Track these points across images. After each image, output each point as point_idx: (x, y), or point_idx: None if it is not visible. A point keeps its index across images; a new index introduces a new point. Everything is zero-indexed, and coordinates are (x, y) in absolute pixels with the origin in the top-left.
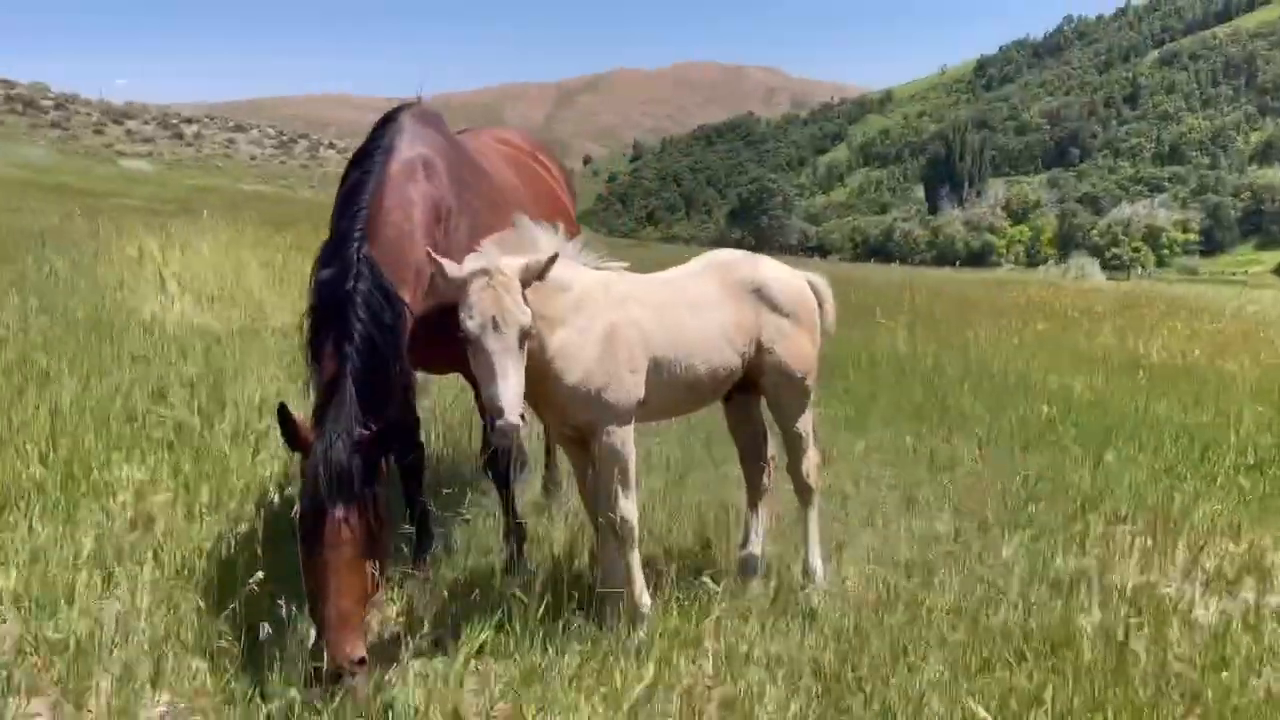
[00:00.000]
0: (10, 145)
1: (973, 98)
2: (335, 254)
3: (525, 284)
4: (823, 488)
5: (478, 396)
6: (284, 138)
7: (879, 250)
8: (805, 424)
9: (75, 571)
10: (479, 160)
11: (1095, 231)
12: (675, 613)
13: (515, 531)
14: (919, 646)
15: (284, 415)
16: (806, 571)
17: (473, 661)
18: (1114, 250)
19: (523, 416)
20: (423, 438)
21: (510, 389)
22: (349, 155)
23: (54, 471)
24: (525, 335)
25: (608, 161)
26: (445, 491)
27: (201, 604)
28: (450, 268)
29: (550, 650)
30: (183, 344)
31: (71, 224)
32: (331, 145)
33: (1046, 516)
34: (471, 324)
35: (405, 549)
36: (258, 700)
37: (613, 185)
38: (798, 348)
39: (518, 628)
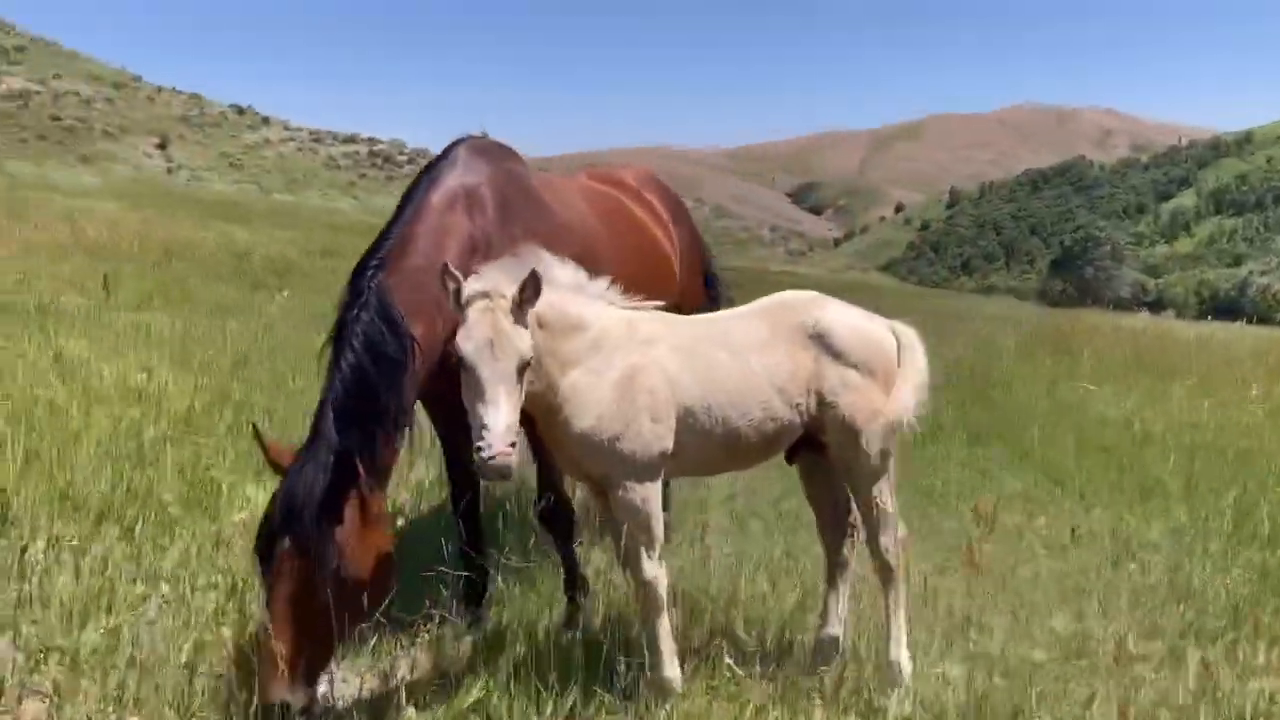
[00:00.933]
0: (369, 197)
1: None
2: (351, 281)
3: (523, 308)
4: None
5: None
6: None
7: (1230, 308)
8: (882, 492)
9: (142, 584)
10: (541, 194)
11: None
12: (707, 693)
13: (573, 585)
14: None
15: (258, 439)
16: (887, 665)
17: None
18: None
19: (513, 445)
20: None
21: (501, 419)
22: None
23: (192, 487)
24: (524, 365)
25: (921, 209)
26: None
27: (228, 630)
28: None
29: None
30: None
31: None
32: None
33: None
34: (467, 346)
35: (444, 590)
36: None
37: (925, 233)
38: (868, 402)
39: (511, 688)
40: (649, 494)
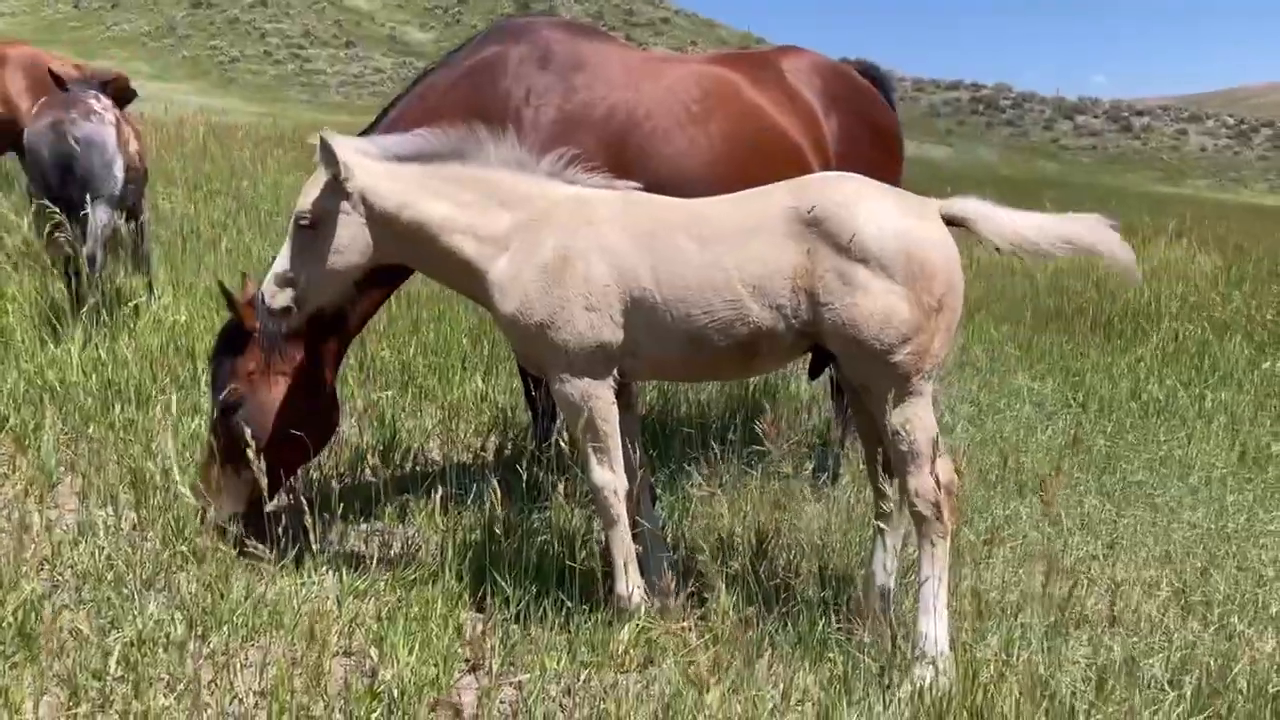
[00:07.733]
0: (965, 144)
1: None
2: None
3: (333, 172)
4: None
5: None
6: (1243, 127)
7: None
8: (908, 422)
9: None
10: (583, 70)
11: None
12: (661, 620)
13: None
14: None
15: (225, 295)
16: (914, 634)
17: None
18: None
19: (297, 305)
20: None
21: (274, 266)
22: None
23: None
24: (298, 220)
25: None
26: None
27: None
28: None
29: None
30: None
31: None
32: None
33: None
34: None
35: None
36: None
37: None
38: (879, 306)
39: (462, 572)
40: (590, 390)
